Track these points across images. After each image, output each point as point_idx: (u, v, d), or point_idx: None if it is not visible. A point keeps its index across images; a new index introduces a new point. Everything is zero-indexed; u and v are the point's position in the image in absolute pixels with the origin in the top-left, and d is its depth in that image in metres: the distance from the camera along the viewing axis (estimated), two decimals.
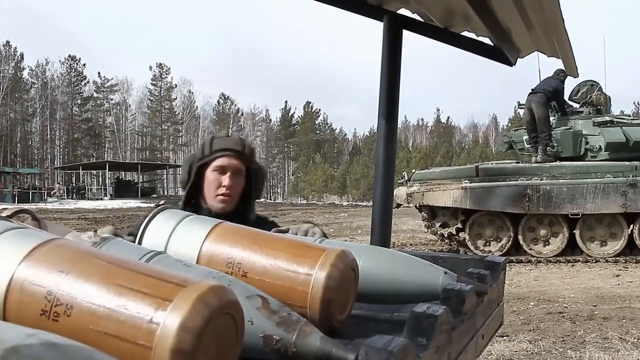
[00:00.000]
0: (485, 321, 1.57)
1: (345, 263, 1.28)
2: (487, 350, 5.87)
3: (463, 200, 12.36)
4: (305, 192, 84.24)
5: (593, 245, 12.47)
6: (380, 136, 2.19)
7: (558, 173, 12.40)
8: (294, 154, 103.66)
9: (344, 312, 1.31)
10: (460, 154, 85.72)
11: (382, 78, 2.19)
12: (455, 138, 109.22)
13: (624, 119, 14.44)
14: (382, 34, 2.17)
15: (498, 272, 1.76)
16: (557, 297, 8.77)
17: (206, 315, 0.83)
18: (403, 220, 24.68)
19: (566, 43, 1.82)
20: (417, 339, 1.05)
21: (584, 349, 5.99)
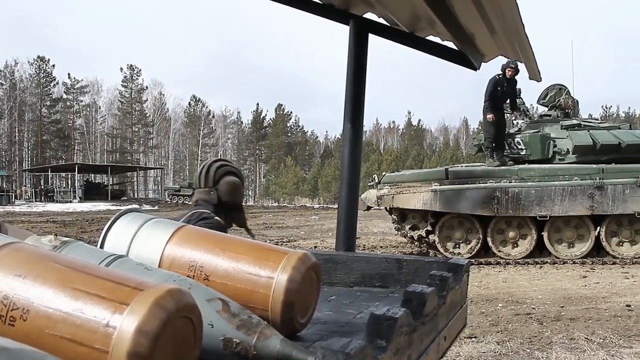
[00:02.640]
0: (447, 323, 1.59)
1: (307, 266, 1.28)
2: (455, 352, 5.91)
3: (433, 203, 12.42)
4: (276, 195, 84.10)
5: (561, 247, 12.60)
6: (345, 139, 2.21)
7: (526, 176, 12.52)
8: (265, 156, 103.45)
9: (306, 314, 1.32)
10: (431, 157, 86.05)
11: (348, 81, 2.20)
12: (426, 141, 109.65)
13: (592, 123, 14.62)
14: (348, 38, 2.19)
15: (461, 274, 1.77)
16: (525, 299, 8.84)
17: (163, 319, 0.83)
18: (374, 222, 24.75)
19: (527, 48, 1.85)
20: (376, 341, 1.06)
21: (551, 349, 6.05)
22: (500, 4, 1.44)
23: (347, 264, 1.95)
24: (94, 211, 39.07)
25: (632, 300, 8.53)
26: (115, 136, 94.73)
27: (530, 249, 12.65)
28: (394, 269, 1.91)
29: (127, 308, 0.83)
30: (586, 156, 13.17)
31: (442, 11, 1.60)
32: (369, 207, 13.29)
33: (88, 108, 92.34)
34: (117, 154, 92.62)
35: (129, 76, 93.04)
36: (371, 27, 2.22)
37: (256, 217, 31.49)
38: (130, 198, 71.10)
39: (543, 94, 15.05)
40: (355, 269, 1.94)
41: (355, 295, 1.83)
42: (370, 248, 15.31)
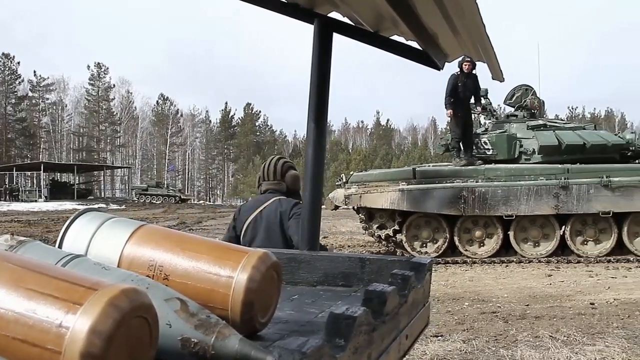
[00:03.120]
0: (409, 322, 1.59)
1: (267, 265, 1.28)
2: (421, 350, 5.94)
3: (400, 202, 12.47)
4: (244, 194, 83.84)
5: (526, 246, 12.73)
6: (309, 138, 2.20)
7: (493, 175, 12.62)
8: (233, 155, 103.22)
9: (267, 314, 1.31)
10: (399, 157, 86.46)
11: (312, 81, 2.20)
12: (394, 140, 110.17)
13: (557, 123, 14.78)
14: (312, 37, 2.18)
15: (424, 273, 1.77)
16: (491, 297, 8.91)
17: (117, 319, 0.82)
18: (342, 222, 24.80)
19: (489, 48, 1.86)
20: (334, 340, 1.05)
21: (516, 347, 6.10)
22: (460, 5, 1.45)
23: (310, 263, 1.95)
24: (60, 210, 38.64)
25: (596, 299, 8.63)
26: (81, 135, 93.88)
27: (496, 248, 12.76)
28: (357, 268, 1.91)
29: (81, 308, 0.82)
30: (552, 156, 13.31)
31: (404, 11, 1.61)
32: (336, 207, 13.31)
33: (54, 106, 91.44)
34: (84, 153, 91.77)
35: (96, 74, 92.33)
36: (336, 27, 2.22)
37: (224, 217, 31.37)
38: (97, 197, 70.51)
39: (509, 94, 15.18)
40: (318, 268, 1.94)
41: (318, 294, 1.83)
42: (338, 247, 15.34)
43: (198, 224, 24.99)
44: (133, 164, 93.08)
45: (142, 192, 61.84)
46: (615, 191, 12.24)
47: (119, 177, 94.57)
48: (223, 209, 46.51)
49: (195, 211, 38.85)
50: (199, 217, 30.10)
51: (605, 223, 12.57)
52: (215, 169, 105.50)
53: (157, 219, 27.92)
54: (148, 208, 44.44)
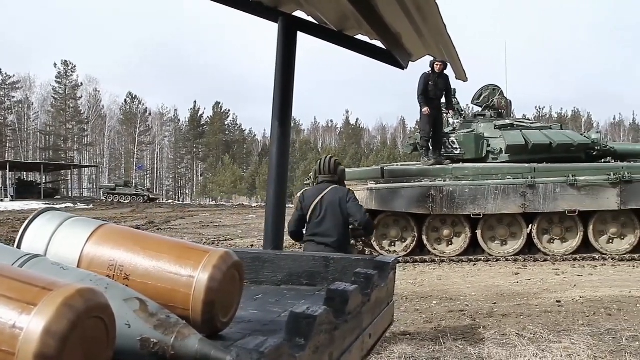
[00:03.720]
0: (373, 320, 1.59)
1: (228, 265, 1.28)
2: (389, 349, 5.95)
3: (368, 201, 12.47)
4: (214, 193, 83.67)
5: (494, 244, 12.80)
6: (273, 137, 2.20)
7: (461, 174, 12.67)
8: (202, 154, 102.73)
9: (228, 313, 1.31)
10: (369, 156, 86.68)
11: (277, 79, 2.19)
12: (364, 140, 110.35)
13: (524, 123, 14.88)
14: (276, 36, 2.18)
15: (387, 272, 1.78)
16: (459, 296, 8.94)
17: (72, 319, 0.82)
18: None
19: (451, 48, 1.87)
20: (295, 340, 1.05)
21: (483, 345, 6.13)
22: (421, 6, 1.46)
23: (275, 262, 1.95)
24: (26, 210, 38.15)
25: (562, 296, 8.70)
26: (48, 133, 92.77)
27: (464, 247, 12.81)
28: (321, 267, 1.91)
29: (35, 309, 0.81)
30: (519, 155, 13.39)
31: (367, 11, 1.61)
32: None
33: (20, 104, 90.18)
34: (51, 152, 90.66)
35: (63, 72, 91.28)
36: (300, 26, 2.22)
37: (193, 216, 31.23)
38: (64, 197, 69.68)
39: (477, 94, 15.25)
40: (283, 267, 1.94)
41: (282, 293, 1.83)
42: None
43: (166, 224, 24.83)
44: (101, 163, 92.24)
45: (110, 192, 61.37)
46: (581, 190, 12.36)
47: (86, 176, 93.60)
48: (192, 208, 46.23)
49: (163, 210, 38.59)
50: (167, 217, 29.90)
51: (571, 222, 12.68)
52: (184, 168, 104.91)
53: (125, 219, 27.69)
54: (116, 207, 44.08)
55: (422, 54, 2.13)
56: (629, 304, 8.09)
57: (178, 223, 25.62)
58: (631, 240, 12.59)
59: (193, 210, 40.67)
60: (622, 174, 12.31)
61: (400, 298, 8.74)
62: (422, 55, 2.18)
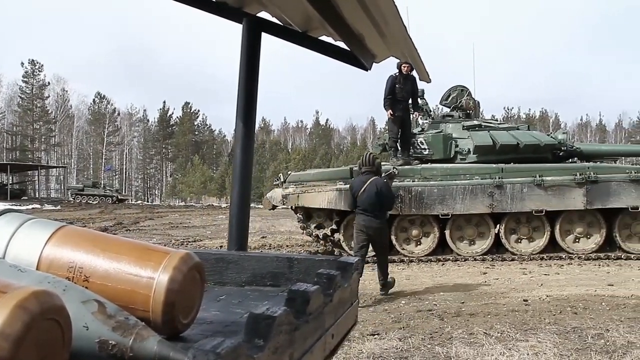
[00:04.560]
0: (335, 321, 1.59)
1: (189, 266, 1.27)
2: (357, 349, 5.96)
3: (338, 202, 12.50)
4: (183, 194, 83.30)
5: (462, 244, 12.89)
6: (237, 138, 2.19)
7: (429, 175, 12.74)
8: (172, 155, 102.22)
9: (189, 315, 1.31)
10: (339, 156, 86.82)
11: (241, 80, 2.19)
12: (334, 140, 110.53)
13: (492, 124, 15.00)
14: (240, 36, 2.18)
15: (350, 272, 1.78)
16: (428, 295, 8.99)
17: (26, 322, 0.81)
18: (281, 221, 24.78)
19: (413, 50, 1.88)
20: (253, 340, 1.06)
21: (451, 344, 6.16)
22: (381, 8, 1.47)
23: (239, 263, 1.94)
24: None
25: (529, 295, 8.78)
26: (15, 133, 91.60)
27: (433, 247, 12.89)
28: (285, 268, 1.91)
29: None
30: (486, 156, 13.50)
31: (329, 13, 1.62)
32: (274, 206, 13.29)
33: None
34: (17, 152, 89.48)
35: (30, 71, 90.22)
36: (265, 27, 2.23)
37: (162, 217, 31.06)
38: (31, 198, 68.91)
39: (445, 95, 15.35)
40: (247, 268, 1.94)
41: (246, 294, 1.83)
42: (277, 247, 15.32)
43: (135, 225, 24.66)
44: (69, 163, 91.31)
45: (78, 193, 60.77)
46: (547, 190, 12.50)
47: (54, 177, 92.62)
48: (161, 209, 45.95)
49: (132, 211, 38.32)
50: (136, 218, 29.69)
51: (538, 221, 12.81)
52: (154, 169, 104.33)
53: (94, 220, 27.47)
54: (84, 209, 43.67)
55: (386, 55, 2.15)
56: (595, 303, 8.19)
57: (147, 224, 25.46)
58: (597, 240, 12.76)
59: (162, 211, 40.44)
60: (587, 174, 12.47)
61: (369, 298, 8.77)
62: (385, 57, 2.19)
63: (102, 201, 57.51)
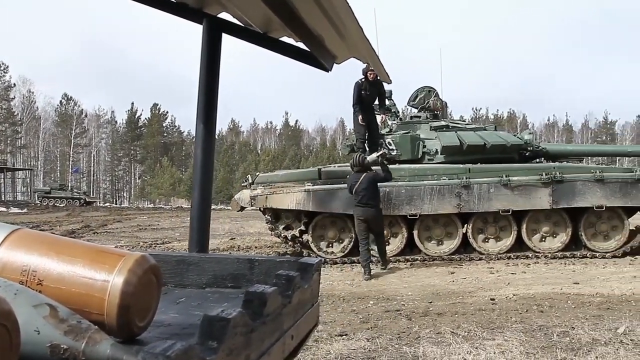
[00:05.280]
0: (295, 322, 1.59)
1: (144, 268, 1.26)
2: (325, 350, 5.96)
3: (306, 203, 12.51)
4: (152, 196, 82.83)
5: (430, 244, 12.94)
6: (198, 139, 2.19)
7: (397, 175, 12.77)
8: (140, 157, 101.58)
9: (145, 318, 1.30)
10: (308, 157, 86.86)
11: (201, 82, 2.19)
12: (303, 141, 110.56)
13: (459, 124, 15.08)
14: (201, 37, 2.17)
15: (311, 273, 1.79)
16: (396, 296, 9.01)
17: None
18: (250, 223, 24.73)
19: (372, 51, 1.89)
20: (207, 343, 1.05)
21: (419, 344, 6.18)
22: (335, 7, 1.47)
23: (199, 265, 1.94)
24: None
25: (496, 294, 8.85)
26: None
27: (401, 247, 12.93)
28: (246, 270, 1.91)
29: None
30: (454, 156, 13.57)
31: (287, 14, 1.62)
32: (242, 208, 13.24)
33: None
34: None
35: None
36: (225, 27, 2.22)
37: (130, 220, 30.81)
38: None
39: (413, 95, 15.40)
40: (207, 270, 1.93)
41: (206, 296, 1.82)
42: (245, 249, 15.28)
43: (103, 227, 24.42)
44: (35, 165, 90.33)
45: (45, 195, 60.20)
46: (514, 190, 12.60)
47: (20, 179, 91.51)
48: (130, 211, 45.58)
49: (100, 214, 37.96)
50: (104, 220, 29.43)
51: (505, 221, 12.91)
52: (122, 171, 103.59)
53: (61, 223, 27.17)
54: (51, 211, 43.18)
55: (347, 56, 2.15)
56: (560, 301, 8.28)
57: (115, 226, 25.25)
58: (563, 239, 12.90)
59: (131, 213, 40.12)
60: (553, 174, 12.60)
61: (337, 299, 8.78)
62: (346, 58, 2.19)
63: (70, 204, 57.01)
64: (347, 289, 9.58)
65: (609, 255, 12.78)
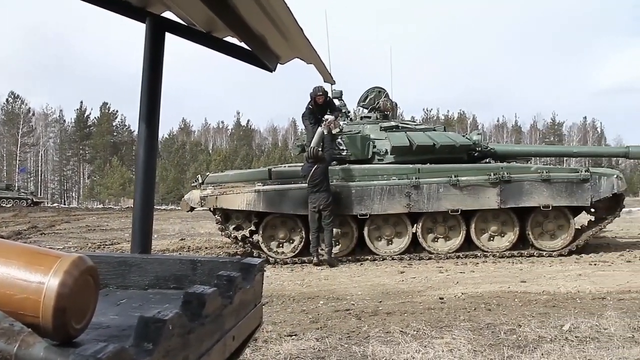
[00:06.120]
0: (236, 323, 1.59)
1: (81, 270, 1.25)
2: (275, 350, 5.95)
3: (256, 203, 12.48)
4: (101, 196, 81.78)
5: (380, 244, 13.00)
6: (140, 139, 2.16)
7: (347, 175, 12.82)
8: (89, 156, 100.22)
9: (82, 320, 1.28)
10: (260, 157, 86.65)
11: (144, 81, 2.16)
12: (255, 141, 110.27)
13: (409, 125, 15.16)
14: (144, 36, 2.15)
15: (253, 274, 1.78)
16: (346, 295, 9.03)
17: None
18: (201, 223, 24.57)
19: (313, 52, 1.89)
20: (142, 344, 1.04)
21: (368, 343, 6.19)
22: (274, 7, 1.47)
23: (142, 266, 1.92)
24: None
25: (445, 293, 8.92)
26: None
27: (351, 247, 12.97)
28: (189, 270, 1.90)
29: None
30: (403, 157, 13.63)
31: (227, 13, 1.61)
32: (192, 208, 13.15)
33: None
34: None
35: None
36: (169, 27, 2.20)
37: (79, 220, 30.36)
38: None
39: (363, 96, 15.44)
40: (150, 271, 1.91)
41: (148, 298, 1.81)
42: (196, 249, 15.17)
43: (51, 228, 24.00)
44: None
45: None
46: (463, 190, 12.74)
47: None
48: (79, 211, 44.84)
49: (48, 214, 37.26)
50: (52, 221, 28.91)
51: (454, 221, 13.03)
52: (71, 171, 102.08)
53: (7, 224, 26.63)
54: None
55: (290, 56, 2.15)
56: (508, 299, 8.38)
57: (63, 227, 24.85)
58: (510, 238, 13.07)
59: (80, 213, 39.49)
60: (501, 174, 12.77)
61: (287, 299, 8.77)
62: (290, 58, 2.19)
63: (17, 204, 55.94)
64: (297, 289, 9.58)
65: (556, 254, 12.99)
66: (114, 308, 1.64)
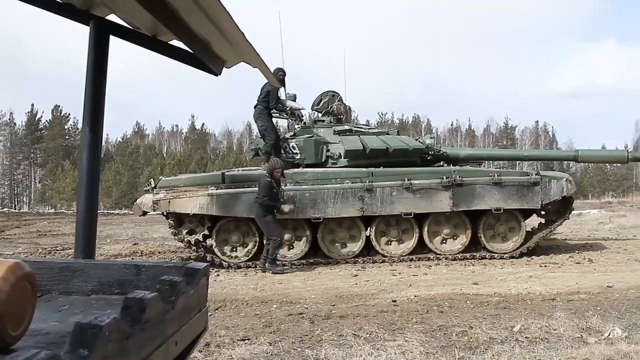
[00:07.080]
0: (179, 328, 1.58)
1: (17, 276, 1.23)
2: (227, 355, 5.94)
3: (209, 207, 12.42)
4: (53, 201, 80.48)
5: (334, 247, 13.03)
6: (84, 143, 2.14)
7: (301, 179, 12.82)
8: (41, 160, 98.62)
9: (19, 327, 1.27)
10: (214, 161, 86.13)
11: (88, 84, 2.14)
12: (210, 145, 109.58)
13: (362, 128, 15.24)
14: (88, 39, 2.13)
15: (197, 279, 1.78)
16: (299, 299, 9.03)
17: None
18: (155, 227, 24.34)
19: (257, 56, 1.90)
20: (78, 351, 1.04)
21: (321, 347, 6.21)
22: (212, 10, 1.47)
23: (85, 271, 1.90)
24: None
25: (398, 296, 8.98)
26: None
27: (305, 250, 12.97)
28: (133, 275, 1.89)
29: None
30: (357, 160, 13.67)
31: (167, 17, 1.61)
32: (144, 212, 13.02)
33: None
34: None
35: None
36: (113, 29, 2.19)
37: (30, 225, 29.84)
38: None
39: (317, 100, 15.44)
40: (93, 276, 1.90)
41: (91, 304, 1.79)
42: (149, 254, 15.03)
43: (0, 234, 23.60)
44: None
45: None
46: (415, 193, 12.83)
47: None
48: (29, 216, 44.06)
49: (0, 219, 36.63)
50: (1, 226, 28.34)
51: (407, 224, 13.12)
52: (21, 175, 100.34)
53: None
54: None
55: (236, 60, 2.15)
56: (460, 301, 8.48)
57: (13, 232, 24.40)
58: (463, 241, 13.22)
59: (30, 218, 38.82)
60: (453, 177, 12.90)
61: (240, 303, 8.74)
62: (236, 62, 2.19)
63: None
64: (250, 293, 9.56)
65: (507, 256, 13.19)
66: (55, 314, 1.62)
